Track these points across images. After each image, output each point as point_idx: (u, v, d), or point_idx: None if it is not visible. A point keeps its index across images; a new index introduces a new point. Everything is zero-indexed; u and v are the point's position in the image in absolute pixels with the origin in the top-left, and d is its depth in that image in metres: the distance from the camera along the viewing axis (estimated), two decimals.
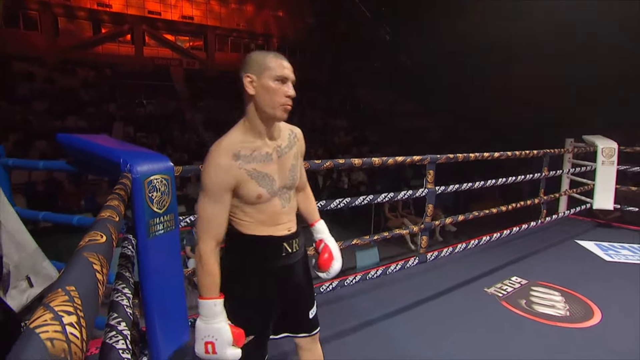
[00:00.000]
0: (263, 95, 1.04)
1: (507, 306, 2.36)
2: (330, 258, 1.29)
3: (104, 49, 15.31)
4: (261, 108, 1.05)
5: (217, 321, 1.03)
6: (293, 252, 1.17)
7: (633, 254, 3.37)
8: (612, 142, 4.08)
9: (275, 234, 1.13)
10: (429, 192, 2.33)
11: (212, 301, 1.04)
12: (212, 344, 1.03)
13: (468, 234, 5.41)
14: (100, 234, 0.45)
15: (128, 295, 0.74)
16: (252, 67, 1.04)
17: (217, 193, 1.03)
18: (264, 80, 1.03)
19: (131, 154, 1.34)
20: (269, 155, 1.10)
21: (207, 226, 1.05)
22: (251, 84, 1.04)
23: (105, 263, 0.39)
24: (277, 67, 1.04)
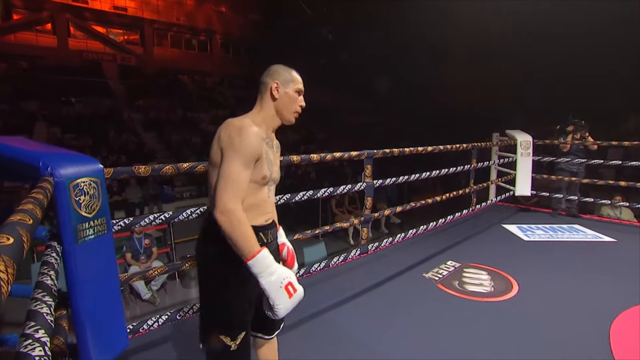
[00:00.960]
0: (285, 101, 1.25)
1: (442, 288, 2.57)
2: (293, 258, 1.43)
3: (17, 38, 13.56)
4: (280, 111, 1.26)
5: (275, 266, 1.10)
6: (268, 242, 1.26)
7: (544, 232, 3.86)
8: (528, 135, 4.60)
9: (254, 224, 1.19)
10: (367, 185, 2.46)
11: (264, 251, 1.09)
12: (289, 284, 1.09)
13: (413, 226, 5.76)
14: (6, 237, 0.43)
15: (49, 303, 0.71)
16: (279, 77, 1.24)
17: (250, 158, 1.12)
18: (288, 90, 1.25)
19: (52, 156, 1.25)
20: (273, 147, 1.28)
21: (238, 188, 1.09)
22: (277, 89, 1.24)
23: (11, 263, 0.38)
24: (299, 82, 1.28)
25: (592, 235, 3.72)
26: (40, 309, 0.68)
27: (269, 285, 1.07)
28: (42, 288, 0.78)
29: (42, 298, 0.73)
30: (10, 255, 0.39)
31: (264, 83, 1.25)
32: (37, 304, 0.70)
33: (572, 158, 4.42)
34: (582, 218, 4.43)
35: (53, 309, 0.72)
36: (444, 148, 3.13)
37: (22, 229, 0.48)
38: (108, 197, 1.37)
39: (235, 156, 1.10)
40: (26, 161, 1.20)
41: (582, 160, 4.38)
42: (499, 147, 4.89)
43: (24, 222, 0.52)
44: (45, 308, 0.69)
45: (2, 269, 0.35)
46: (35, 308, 0.68)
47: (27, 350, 0.53)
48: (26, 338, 0.57)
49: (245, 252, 1.06)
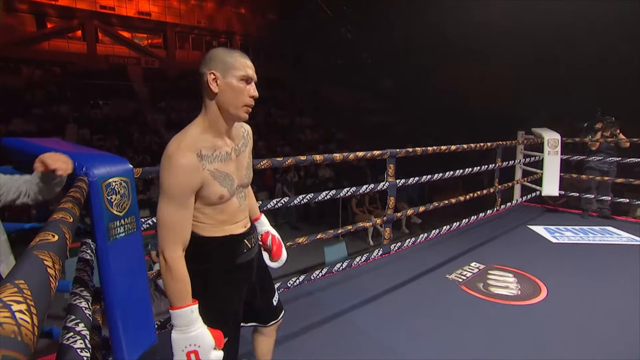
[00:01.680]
0: (227, 94, 1.02)
1: (466, 290, 2.51)
2: (279, 247, 1.37)
3: (51, 45, 14.24)
4: (224, 107, 1.03)
5: (195, 328, 0.99)
6: (252, 247, 1.22)
7: (574, 234, 3.70)
8: (556, 133, 4.43)
9: (235, 232, 1.15)
10: (390, 185, 2.43)
11: (188, 308, 0.99)
12: (195, 352, 0.99)
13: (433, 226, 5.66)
14: (51, 234, 0.46)
15: (87, 298, 0.74)
16: (217, 64, 1.01)
17: (182, 196, 0.98)
18: (229, 79, 1.01)
19: (87, 156, 1.30)
20: (229, 155, 1.09)
21: (173, 233, 0.99)
22: (215, 81, 1.01)
23: (57, 260, 0.40)
24: (243, 67, 1.02)
25: (627, 237, 3.54)
26: (79, 303, 0.71)
27: (175, 341, 1.00)
28: (80, 283, 0.81)
29: (80, 293, 0.76)
30: (56, 252, 0.41)
31: (200, 75, 1.03)
32: (76, 299, 0.73)
33: (603, 157, 4.22)
34: (615, 219, 4.23)
35: (90, 303, 0.75)
36: (468, 147, 3.05)
37: (64, 227, 0.50)
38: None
39: (165, 196, 0.98)
40: None
41: (613, 159, 4.18)
42: (525, 145, 4.73)
43: (65, 220, 0.54)
44: (84, 302, 0.72)
45: (50, 265, 0.37)
46: (75, 302, 0.71)
47: (69, 343, 0.55)
48: (68, 331, 0.59)
49: (174, 301, 1.00)
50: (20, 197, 1.10)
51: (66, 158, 1.10)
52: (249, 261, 1.21)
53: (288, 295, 2.28)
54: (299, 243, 2.05)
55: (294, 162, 1.87)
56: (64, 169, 1.07)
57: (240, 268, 1.18)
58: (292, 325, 2.02)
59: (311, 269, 4.34)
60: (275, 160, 1.79)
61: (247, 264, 1.20)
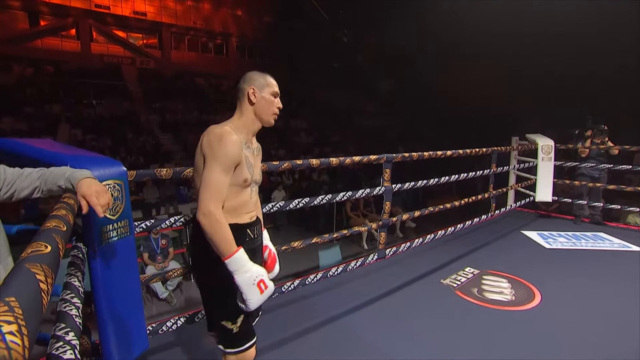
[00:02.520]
0: (262, 105, 1.30)
1: (461, 295, 2.51)
2: (273, 261, 1.49)
3: (44, 43, 14.04)
4: (259, 114, 1.31)
5: (250, 264, 1.18)
6: (255, 237, 1.36)
7: (567, 240, 3.73)
8: (550, 140, 4.47)
9: (239, 222, 1.29)
10: (386, 189, 2.43)
11: (240, 251, 1.16)
12: (262, 281, 1.18)
13: (428, 230, 5.68)
14: (44, 245, 0.44)
15: (77, 305, 0.71)
16: (255, 82, 1.30)
17: (229, 164, 1.19)
18: (264, 94, 1.30)
19: (80, 159, 1.28)
20: (253, 150, 1.34)
21: (217, 192, 1.16)
22: (254, 94, 1.29)
23: (50, 273, 0.38)
24: (274, 85, 1.33)
25: (619, 244, 3.58)
26: (70, 310, 0.69)
27: (242, 282, 1.16)
28: (70, 289, 0.79)
29: (70, 300, 0.74)
30: (49, 264, 0.40)
31: (241, 89, 1.31)
32: (66, 306, 0.71)
33: (594, 163, 4.27)
34: (607, 226, 4.27)
35: (80, 311, 0.73)
36: (464, 152, 3.07)
37: (57, 236, 0.49)
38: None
39: (216, 163, 1.17)
40: (55, 164, 1.23)
41: (604, 165, 4.23)
42: (518, 151, 4.77)
43: (59, 229, 0.52)
44: (74, 310, 0.70)
45: (43, 279, 0.35)
46: (65, 310, 0.69)
47: (58, 353, 0.53)
48: (57, 340, 0.57)
49: (224, 252, 1.15)
50: (35, 193, 1.08)
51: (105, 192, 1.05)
52: (253, 249, 1.33)
53: (282, 299, 2.25)
54: (294, 247, 2.04)
55: (291, 166, 1.86)
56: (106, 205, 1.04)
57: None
58: (286, 330, 2.00)
59: (305, 272, 4.33)
60: (271, 164, 1.78)
61: (251, 252, 1.28)
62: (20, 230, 1.37)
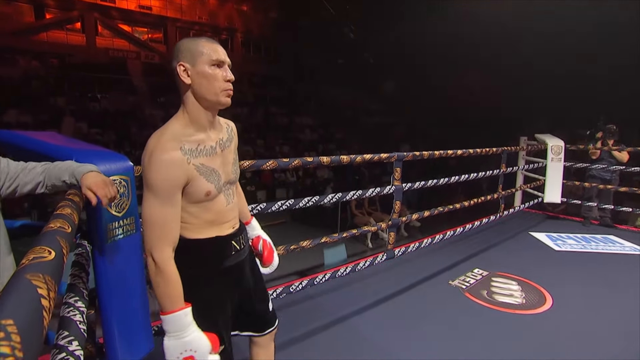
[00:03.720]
0: (201, 82, 0.97)
1: (470, 297, 2.46)
2: (271, 252, 1.30)
3: (49, 37, 14.02)
4: (202, 96, 0.98)
5: (190, 332, 0.95)
6: (241, 248, 1.15)
7: (577, 242, 3.67)
8: (560, 140, 4.39)
9: (222, 234, 1.08)
10: (396, 189, 2.38)
11: (182, 312, 0.94)
12: (191, 358, 0.94)
13: (432, 228, 5.62)
14: (47, 250, 0.39)
15: (81, 309, 0.67)
16: (185, 54, 0.97)
17: (168, 193, 0.94)
18: (199, 67, 0.97)
19: (85, 153, 1.23)
20: (214, 149, 1.04)
21: (161, 232, 0.94)
22: (186, 72, 0.97)
23: (53, 285, 0.33)
24: (211, 52, 0.98)
25: (630, 247, 3.51)
26: (74, 316, 0.65)
27: (168, 348, 0.94)
28: (74, 292, 0.74)
29: (74, 303, 0.70)
30: (52, 274, 0.35)
31: (172, 70, 0.99)
32: (70, 310, 0.67)
33: (605, 165, 4.19)
34: (616, 228, 4.20)
35: (85, 316, 0.69)
36: (474, 152, 3.00)
37: (62, 240, 0.44)
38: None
39: (150, 193, 0.94)
40: (58, 158, 1.19)
41: (616, 167, 4.15)
42: (526, 151, 4.70)
43: (63, 231, 0.48)
44: (78, 315, 0.66)
45: (45, 294, 0.30)
46: (69, 315, 0.65)
47: None
48: (60, 350, 0.53)
49: (165, 305, 0.95)
50: (38, 188, 1.03)
51: (111, 184, 0.99)
52: (238, 264, 1.14)
53: (289, 299, 2.22)
54: (303, 247, 1.99)
55: (301, 164, 1.81)
56: (112, 197, 0.98)
57: (230, 271, 1.11)
58: (294, 330, 1.96)
59: (310, 270, 4.29)
60: (282, 161, 1.72)
61: (236, 267, 1.14)
62: (24, 225, 1.33)
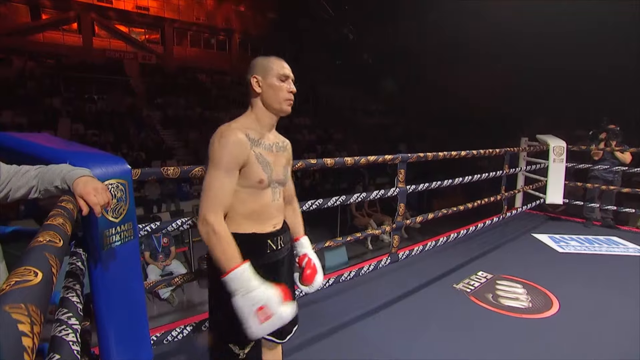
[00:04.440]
0: (269, 92, 1.14)
1: (475, 301, 2.42)
2: (313, 272, 1.32)
3: (45, 37, 13.91)
4: (269, 104, 1.15)
5: (254, 286, 0.99)
6: (278, 249, 1.19)
7: (580, 244, 3.64)
8: (562, 141, 4.36)
9: (259, 231, 1.15)
10: (401, 191, 2.33)
11: (239, 269, 0.99)
12: (262, 309, 0.97)
13: (432, 230, 5.57)
14: (33, 271, 0.34)
15: (75, 327, 0.61)
16: (258, 69, 1.15)
17: (231, 166, 1.06)
18: (269, 80, 1.14)
19: (80, 155, 1.17)
20: (270, 147, 1.18)
21: (218, 198, 1.05)
22: (257, 83, 1.14)
23: (38, 317, 0.28)
24: (279, 67, 1.15)
25: (634, 248, 3.48)
26: (66, 335, 0.59)
27: (240, 306, 0.98)
28: (67, 307, 0.69)
29: (67, 321, 0.64)
30: (38, 302, 0.30)
31: (246, 81, 1.17)
32: (62, 329, 0.61)
33: (608, 165, 4.17)
34: (619, 229, 4.17)
35: (79, 334, 0.63)
36: (477, 153, 2.96)
37: (51, 257, 0.39)
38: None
39: (214, 165, 1.06)
40: (53, 161, 1.13)
41: (619, 168, 4.12)
42: (527, 152, 4.66)
43: (53, 245, 0.42)
44: (72, 335, 0.60)
45: (28, 330, 0.25)
46: (61, 335, 0.59)
47: None
48: None
49: (222, 266, 1.01)
50: (31, 193, 0.98)
51: (103, 190, 0.94)
52: (271, 263, 1.18)
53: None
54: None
55: (304, 166, 1.76)
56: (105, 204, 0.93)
57: (265, 269, 1.12)
58: (298, 336, 1.89)
59: None
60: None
61: (272, 266, 1.17)
62: (16, 231, 1.27)
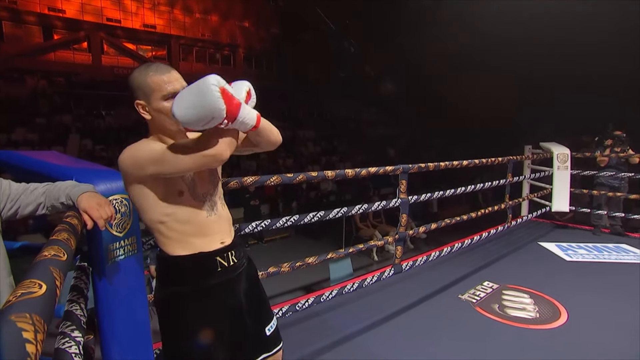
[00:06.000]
0: (160, 118, 0.99)
1: (481, 312, 2.39)
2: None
3: (57, 56, 14.35)
4: (164, 130, 1.01)
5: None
6: (230, 265, 1.07)
7: (588, 252, 3.58)
8: (566, 148, 4.35)
9: (206, 250, 1.03)
10: (402, 202, 2.34)
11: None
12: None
13: (438, 240, 5.53)
14: (38, 283, 0.36)
15: (78, 340, 0.64)
16: (139, 92, 0.98)
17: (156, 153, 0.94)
18: (155, 104, 0.97)
19: (85, 172, 1.22)
20: None
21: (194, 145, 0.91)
22: (144, 109, 0.99)
23: (42, 326, 0.30)
24: (162, 86, 0.96)
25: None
26: (69, 348, 0.61)
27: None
28: (71, 320, 0.71)
29: (70, 334, 0.66)
30: (41, 312, 0.32)
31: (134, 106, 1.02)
32: (65, 342, 0.63)
33: (614, 172, 4.13)
34: (628, 236, 4.11)
35: (82, 346, 0.65)
36: (479, 162, 2.97)
37: (55, 270, 0.41)
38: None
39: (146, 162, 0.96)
40: (59, 178, 1.17)
41: (625, 174, 4.09)
42: (532, 160, 4.65)
43: (58, 259, 0.45)
44: (74, 347, 0.62)
45: (31, 338, 0.27)
46: (64, 347, 0.61)
47: None
48: None
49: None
50: (39, 209, 1.01)
51: (107, 204, 0.98)
52: (225, 282, 1.06)
53: (296, 317, 2.16)
54: (309, 263, 1.95)
55: (305, 179, 1.78)
56: (108, 217, 0.96)
57: (214, 290, 1.03)
58: (300, 350, 1.90)
59: (316, 285, 4.21)
60: (285, 176, 1.70)
61: (222, 285, 1.05)
62: (24, 246, 1.30)
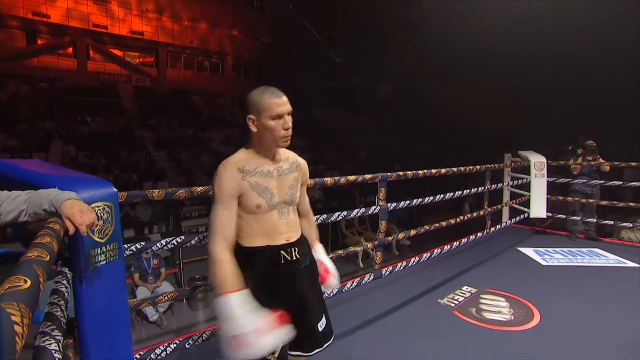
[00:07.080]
0: (264, 132, 1.21)
1: (459, 315, 2.47)
2: (326, 274, 1.42)
3: (40, 61, 14.12)
4: (264, 142, 1.23)
5: (241, 313, 1.06)
6: (293, 259, 1.27)
7: (563, 257, 3.73)
8: (542, 156, 4.53)
9: (273, 244, 1.24)
10: (381, 208, 2.41)
11: (226, 296, 1.08)
12: (237, 338, 1.03)
13: (423, 246, 5.63)
14: (23, 279, 0.41)
15: (58, 339, 0.67)
16: (252, 108, 1.21)
17: (226, 200, 1.18)
18: (263, 121, 1.19)
19: (68, 179, 1.25)
20: (270, 173, 1.25)
21: (218, 228, 1.17)
22: (253, 123, 1.21)
23: (27, 312, 0.35)
24: (274, 106, 1.19)
25: (615, 260, 3.58)
26: (49, 345, 0.65)
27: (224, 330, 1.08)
28: (51, 321, 0.75)
29: (51, 332, 0.70)
30: (27, 302, 0.37)
31: (244, 118, 1.25)
32: (45, 340, 0.67)
33: (586, 179, 4.32)
34: (601, 241, 4.28)
35: (62, 344, 0.69)
36: (457, 170, 3.08)
37: (39, 268, 0.46)
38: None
39: (214, 199, 1.20)
40: (42, 185, 1.20)
41: (596, 182, 4.28)
42: (512, 168, 4.82)
43: (41, 259, 0.49)
44: (54, 344, 0.66)
45: (19, 320, 0.32)
46: (44, 344, 0.65)
47: None
48: None
49: (218, 289, 1.11)
50: (21, 216, 1.03)
51: (89, 211, 1.01)
52: (287, 274, 1.26)
53: None
54: None
55: None
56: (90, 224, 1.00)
57: (276, 279, 1.24)
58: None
59: None
60: None
61: (284, 277, 1.25)
62: (4, 253, 1.32)
